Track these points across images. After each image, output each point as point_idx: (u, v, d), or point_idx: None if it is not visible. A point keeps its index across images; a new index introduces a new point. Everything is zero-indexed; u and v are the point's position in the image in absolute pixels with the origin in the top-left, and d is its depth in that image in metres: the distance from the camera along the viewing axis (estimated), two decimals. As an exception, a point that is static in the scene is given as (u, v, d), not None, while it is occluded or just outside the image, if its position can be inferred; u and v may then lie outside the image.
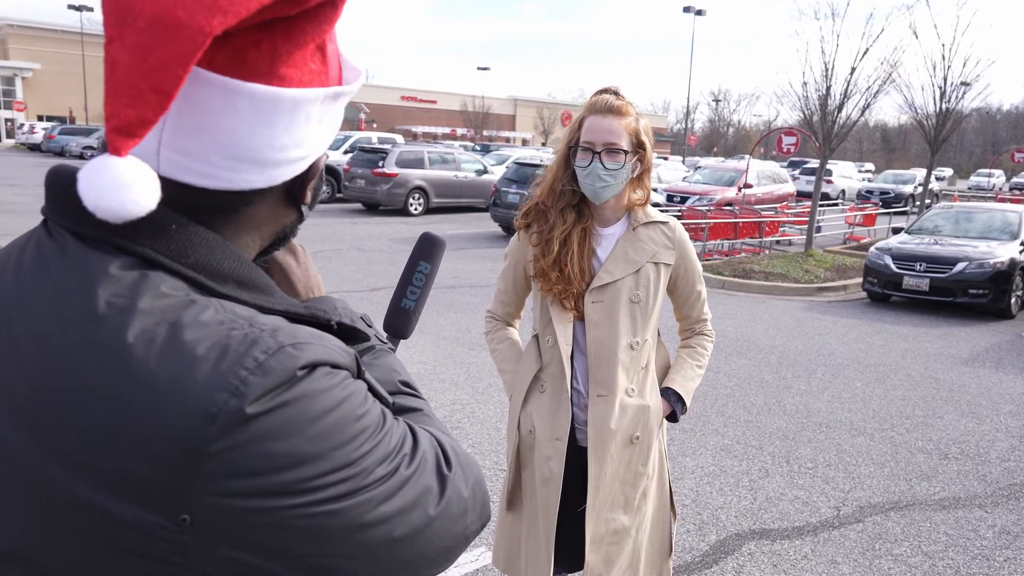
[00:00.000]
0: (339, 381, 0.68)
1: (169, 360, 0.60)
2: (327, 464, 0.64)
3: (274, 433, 0.62)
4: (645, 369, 2.13)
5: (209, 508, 0.61)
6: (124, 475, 0.60)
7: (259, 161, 0.69)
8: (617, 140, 1.96)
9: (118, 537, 0.61)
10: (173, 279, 0.65)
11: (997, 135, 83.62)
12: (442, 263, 1.10)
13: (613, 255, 2.07)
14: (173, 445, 0.59)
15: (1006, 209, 11.28)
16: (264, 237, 0.78)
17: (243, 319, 0.66)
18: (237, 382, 0.61)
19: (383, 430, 0.71)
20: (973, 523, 3.98)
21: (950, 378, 6.72)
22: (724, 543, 3.64)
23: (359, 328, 0.84)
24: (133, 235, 0.65)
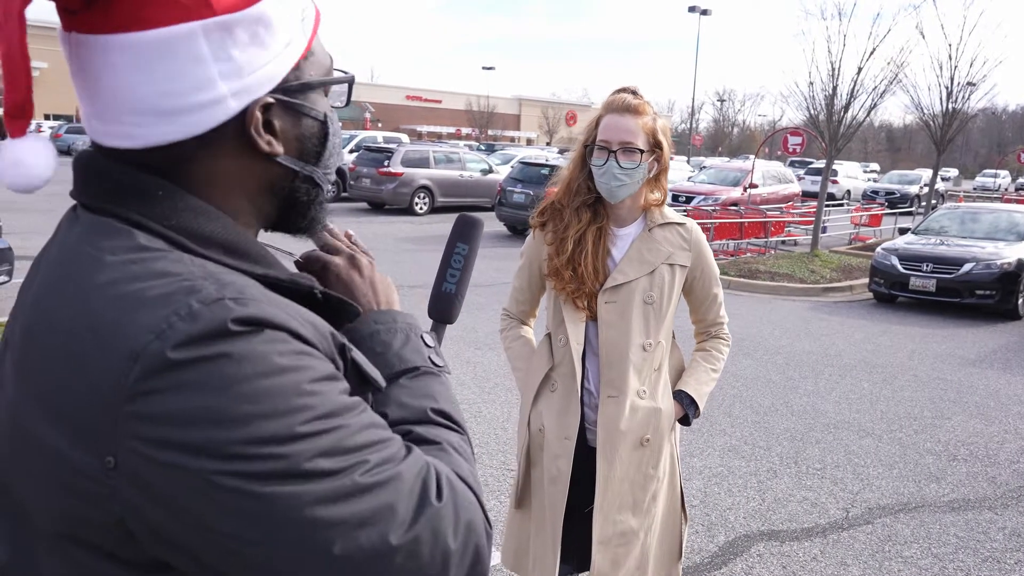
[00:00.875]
0: (288, 348, 0.64)
1: (118, 303, 0.62)
2: (253, 431, 0.60)
3: (195, 383, 0.59)
4: (658, 371, 2.12)
5: (130, 453, 0.59)
6: (67, 412, 0.62)
7: (161, 111, 0.68)
8: (633, 139, 1.96)
9: (67, 477, 0.62)
10: (156, 239, 0.67)
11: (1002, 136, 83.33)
12: None
13: (628, 256, 2.06)
14: (100, 383, 0.60)
15: (1013, 210, 11.25)
16: (252, 197, 0.76)
17: (205, 274, 0.65)
18: (165, 326, 0.60)
19: (341, 420, 0.65)
20: (983, 525, 3.96)
21: (958, 379, 6.70)
22: (733, 544, 3.63)
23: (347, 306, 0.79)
24: (124, 202, 0.69)
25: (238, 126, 0.72)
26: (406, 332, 0.85)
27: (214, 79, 0.69)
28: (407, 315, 0.89)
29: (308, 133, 0.78)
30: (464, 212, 1.10)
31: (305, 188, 0.79)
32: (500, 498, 3.82)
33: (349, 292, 0.87)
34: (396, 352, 0.84)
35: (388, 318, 0.85)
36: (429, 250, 12.17)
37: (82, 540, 0.64)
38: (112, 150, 0.71)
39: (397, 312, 0.89)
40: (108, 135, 0.70)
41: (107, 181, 0.71)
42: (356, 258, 0.90)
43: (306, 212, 0.82)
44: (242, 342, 0.61)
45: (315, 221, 0.84)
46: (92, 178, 0.72)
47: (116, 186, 0.70)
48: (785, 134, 17.11)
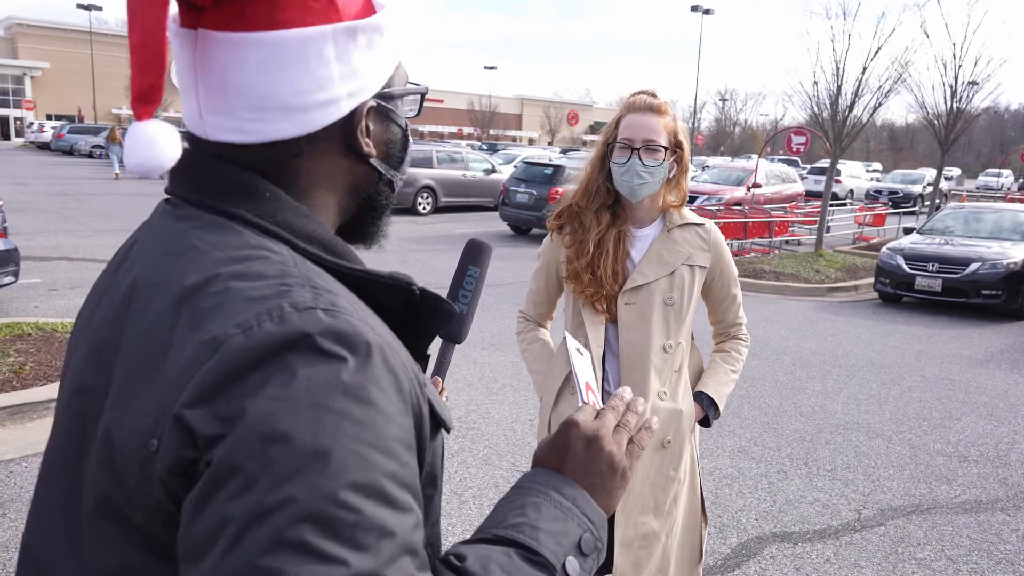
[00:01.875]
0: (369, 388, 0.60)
1: (217, 297, 0.63)
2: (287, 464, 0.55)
3: (266, 388, 0.57)
4: (678, 373, 2.10)
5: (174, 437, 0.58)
6: (134, 391, 0.62)
7: (281, 108, 0.70)
8: (656, 137, 1.94)
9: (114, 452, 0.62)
10: (262, 236, 0.69)
11: (1005, 135, 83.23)
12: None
13: (647, 257, 2.05)
14: (174, 365, 0.60)
15: (1018, 209, 11.22)
16: (341, 195, 0.78)
17: (301, 278, 0.65)
18: (254, 322, 0.60)
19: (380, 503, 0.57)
20: (996, 527, 3.95)
21: (966, 379, 6.68)
22: (746, 546, 3.61)
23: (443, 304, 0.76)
24: (231, 199, 0.71)
25: (343, 127, 0.75)
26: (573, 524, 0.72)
27: (335, 80, 0.72)
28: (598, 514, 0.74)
29: (394, 139, 0.81)
30: (473, 238, 1.17)
31: (385, 192, 0.83)
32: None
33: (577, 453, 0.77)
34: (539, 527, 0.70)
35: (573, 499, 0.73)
36: (433, 250, 12.16)
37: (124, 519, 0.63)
38: (215, 148, 0.73)
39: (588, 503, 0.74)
40: (223, 130, 0.72)
41: (214, 178, 0.72)
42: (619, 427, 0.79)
43: (379, 217, 0.84)
44: (322, 366, 0.59)
45: (382, 229, 0.86)
46: (198, 174, 0.73)
47: (224, 184, 0.72)
48: (789, 133, 17.07)
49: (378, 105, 0.77)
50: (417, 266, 10.49)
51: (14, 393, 4.60)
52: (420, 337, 0.77)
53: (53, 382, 4.83)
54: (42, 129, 39.81)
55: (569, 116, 62.70)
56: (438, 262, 10.97)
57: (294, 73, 0.70)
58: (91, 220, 13.73)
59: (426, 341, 0.78)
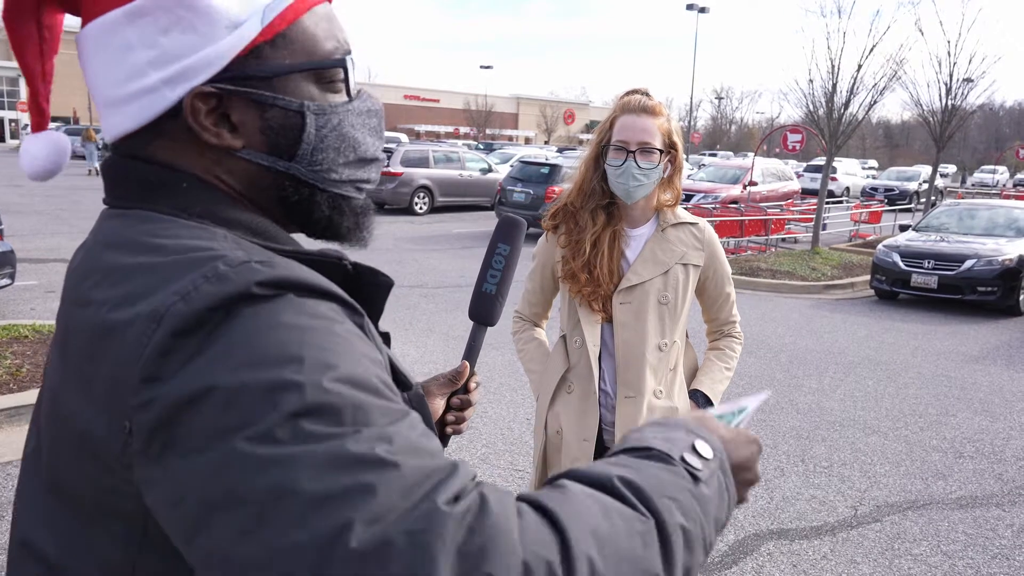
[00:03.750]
0: (318, 309, 0.61)
1: (150, 273, 0.62)
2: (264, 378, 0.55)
3: (216, 345, 0.56)
4: (673, 371, 2.11)
5: (143, 414, 0.57)
6: (92, 379, 0.61)
7: (109, 102, 0.70)
8: (651, 139, 1.95)
9: (95, 447, 0.61)
10: (184, 222, 0.68)
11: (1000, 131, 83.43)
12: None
13: (642, 256, 2.06)
14: (122, 346, 0.59)
15: (1013, 206, 11.26)
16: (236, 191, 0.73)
17: (236, 244, 0.65)
18: (191, 287, 0.59)
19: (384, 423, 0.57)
20: (991, 522, 3.97)
21: (961, 376, 6.70)
22: (743, 543, 3.62)
23: (380, 277, 0.76)
24: (152, 197, 0.70)
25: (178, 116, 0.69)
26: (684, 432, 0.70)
27: (143, 67, 0.67)
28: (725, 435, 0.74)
29: (276, 125, 0.72)
30: (506, 214, 1.09)
31: (292, 187, 0.74)
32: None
33: None
34: (642, 437, 0.70)
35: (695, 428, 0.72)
36: (429, 250, 12.16)
37: (120, 513, 0.63)
38: (120, 148, 0.74)
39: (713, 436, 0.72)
40: (102, 128, 0.74)
41: (131, 178, 0.71)
42: None
43: (310, 215, 0.76)
44: (268, 304, 0.59)
45: (336, 226, 0.78)
46: (118, 179, 0.73)
47: (140, 182, 0.71)
48: (784, 131, 17.10)
49: (227, 89, 0.69)
50: (413, 266, 10.49)
51: (11, 396, 4.60)
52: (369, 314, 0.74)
53: (50, 384, 4.82)
54: (37, 131, 39.64)
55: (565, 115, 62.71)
56: (435, 262, 10.96)
57: (105, 64, 0.69)
58: (87, 222, 13.70)
59: (372, 317, 0.75)
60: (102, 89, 0.70)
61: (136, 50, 0.67)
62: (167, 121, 0.69)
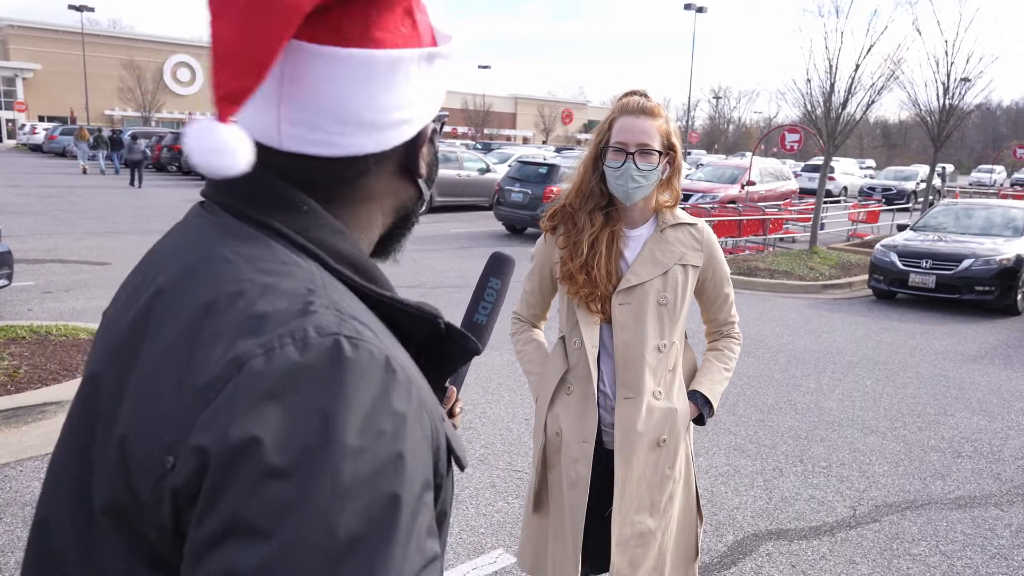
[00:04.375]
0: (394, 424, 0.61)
1: (243, 310, 0.62)
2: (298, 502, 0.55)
3: (283, 416, 0.57)
4: (672, 372, 2.11)
5: (189, 454, 0.57)
6: (157, 405, 0.61)
7: (365, 124, 0.72)
8: (650, 141, 1.95)
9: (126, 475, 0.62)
10: (293, 250, 0.69)
11: (997, 131, 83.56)
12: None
13: (641, 257, 2.05)
14: (196, 381, 0.59)
15: (1011, 206, 11.27)
16: (386, 213, 0.81)
17: (329, 302, 0.65)
18: (277, 344, 0.59)
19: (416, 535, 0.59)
20: (990, 522, 3.97)
21: (959, 375, 6.71)
22: (742, 544, 3.62)
23: (468, 342, 0.80)
24: (268, 211, 0.71)
25: (406, 147, 0.78)
26: None
27: (412, 101, 0.75)
28: None
29: (432, 160, 0.84)
30: (497, 251, 1.17)
31: (419, 210, 0.86)
32: (507, 499, 3.82)
33: None
34: None
35: None
36: (427, 250, 12.15)
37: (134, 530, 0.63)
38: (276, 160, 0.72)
39: None
40: (303, 142, 0.72)
41: (256, 188, 0.72)
42: None
43: (407, 234, 0.87)
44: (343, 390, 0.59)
45: (403, 245, 0.90)
46: (240, 182, 0.71)
47: (265, 194, 0.72)
48: (782, 131, 17.12)
49: (434, 128, 0.82)
50: (411, 266, 10.49)
51: (8, 397, 4.59)
52: (440, 370, 0.80)
53: (48, 385, 4.82)
54: (34, 131, 39.63)
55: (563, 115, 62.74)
56: (433, 262, 10.95)
57: (381, 92, 0.72)
58: (85, 222, 13.68)
59: (445, 375, 0.81)
60: (358, 111, 0.72)
61: (411, 84, 0.74)
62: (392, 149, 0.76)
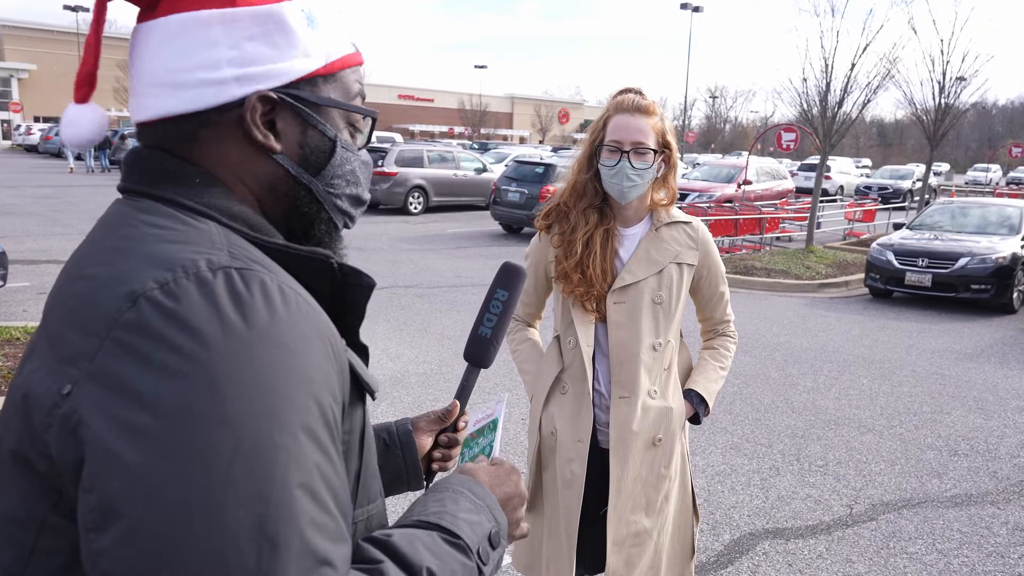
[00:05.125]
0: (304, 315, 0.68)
1: (140, 259, 0.66)
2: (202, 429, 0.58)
3: (179, 347, 0.60)
4: (668, 371, 2.11)
5: (87, 382, 0.60)
6: (60, 342, 0.65)
7: (169, 84, 0.75)
8: (645, 139, 1.94)
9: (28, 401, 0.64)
10: (189, 214, 0.73)
11: (993, 130, 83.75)
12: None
13: (635, 256, 2.05)
14: (97, 316, 0.63)
15: (1006, 204, 11.30)
16: (252, 187, 0.79)
17: (223, 243, 0.70)
18: (170, 277, 0.64)
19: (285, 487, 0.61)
20: (986, 520, 3.97)
21: (956, 374, 6.72)
22: (739, 543, 3.62)
23: (362, 277, 0.80)
24: (162, 185, 0.76)
25: (240, 115, 0.77)
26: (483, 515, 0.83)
27: (220, 62, 0.75)
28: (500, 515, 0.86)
29: (312, 144, 0.81)
30: (509, 261, 1.13)
31: (305, 198, 0.82)
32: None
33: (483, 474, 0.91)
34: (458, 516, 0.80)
35: (484, 498, 0.85)
36: (424, 250, 12.14)
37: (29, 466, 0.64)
38: (144, 138, 0.79)
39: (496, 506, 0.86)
40: (134, 109, 0.79)
41: (150, 167, 0.77)
42: None
43: (310, 228, 0.84)
44: (244, 312, 0.64)
45: (327, 240, 0.86)
46: (136, 166, 0.79)
47: (158, 171, 0.77)
48: (779, 130, 17.13)
49: (283, 99, 0.78)
50: (408, 266, 10.47)
51: (3, 398, 4.56)
52: (348, 316, 0.81)
53: (42, 386, 4.80)
54: (30, 131, 39.51)
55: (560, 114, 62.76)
56: (430, 262, 10.94)
57: (180, 51, 0.75)
58: (80, 223, 13.64)
59: (354, 320, 0.82)
60: (162, 73, 0.75)
61: (219, 47, 0.75)
62: (215, 114, 0.76)
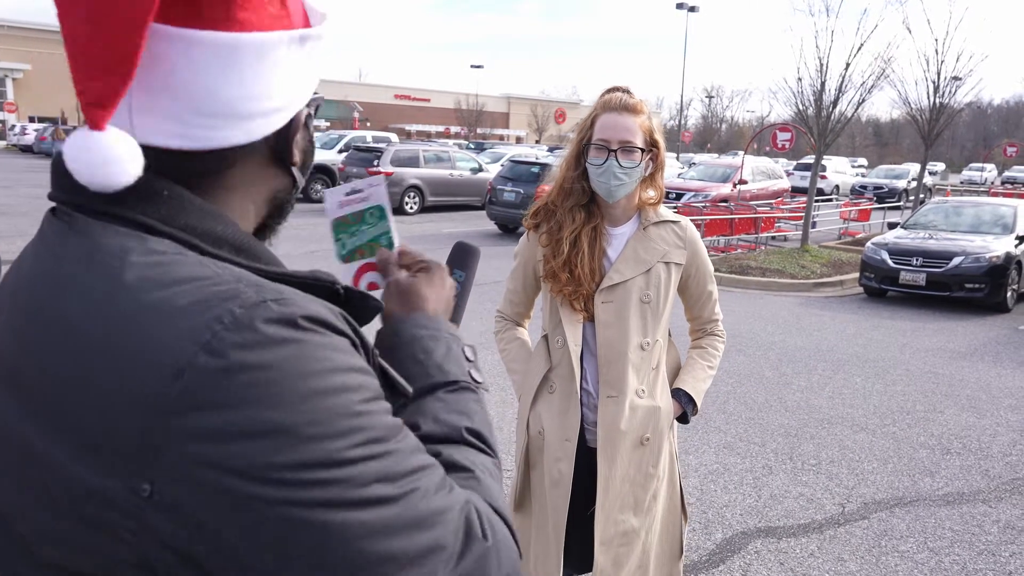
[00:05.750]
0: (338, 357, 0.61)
1: (146, 313, 0.58)
2: (306, 453, 0.56)
3: (246, 397, 0.55)
4: (656, 370, 2.11)
5: (171, 476, 0.54)
6: (92, 433, 0.56)
7: (232, 114, 0.66)
8: (632, 138, 1.94)
9: (85, 508, 0.57)
10: (166, 241, 0.63)
11: (988, 129, 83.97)
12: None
13: (623, 255, 2.05)
14: (138, 401, 0.55)
15: (1000, 203, 11.33)
16: (258, 204, 0.75)
17: (232, 276, 0.61)
18: (208, 335, 0.56)
19: (391, 444, 0.61)
20: (978, 518, 3.98)
21: (949, 372, 6.73)
22: (730, 541, 3.62)
23: (369, 302, 0.75)
24: (127, 203, 0.64)
25: (278, 135, 0.72)
26: (448, 342, 0.83)
27: (284, 87, 0.70)
28: (451, 325, 0.87)
29: (307, 146, 0.79)
30: (461, 240, 1.11)
31: (293, 198, 0.81)
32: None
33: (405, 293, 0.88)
34: (437, 363, 0.81)
35: (433, 324, 0.84)
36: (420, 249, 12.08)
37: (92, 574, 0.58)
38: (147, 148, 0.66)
39: (442, 320, 0.86)
40: (159, 133, 0.65)
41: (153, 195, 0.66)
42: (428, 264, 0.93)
43: (282, 221, 0.82)
44: (292, 347, 0.58)
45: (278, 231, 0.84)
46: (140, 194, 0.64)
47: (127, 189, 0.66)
48: (774, 130, 17.15)
49: (309, 114, 0.77)
50: (404, 266, 10.44)
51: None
52: None
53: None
54: (24, 132, 39.40)
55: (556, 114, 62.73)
56: (425, 262, 10.86)
57: (248, 78, 0.66)
58: (74, 223, 13.60)
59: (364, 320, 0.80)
60: (228, 101, 0.65)
61: (281, 70, 0.69)
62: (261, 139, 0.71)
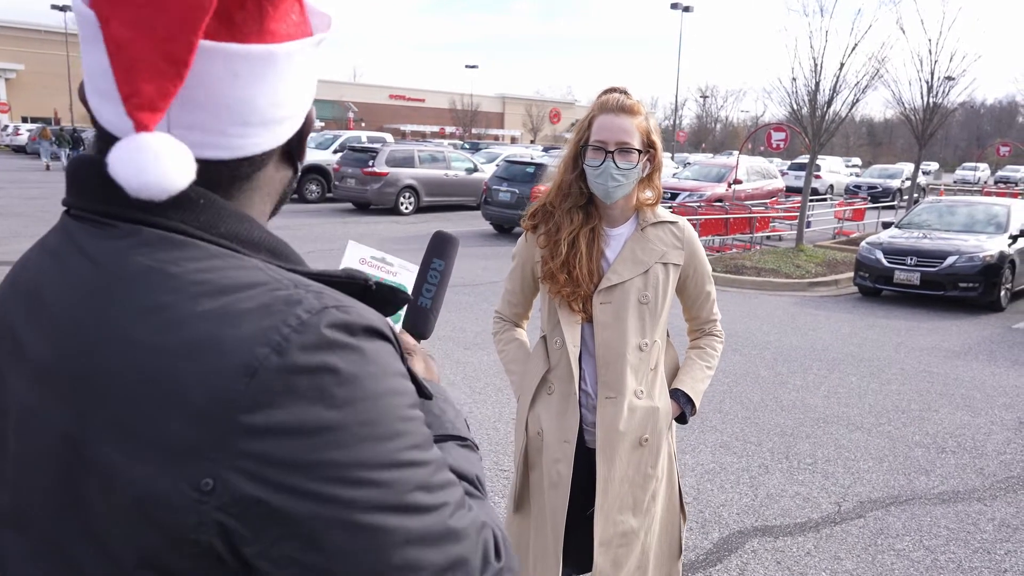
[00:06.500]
0: (393, 365, 0.65)
1: (211, 316, 0.59)
2: (363, 453, 0.59)
3: (312, 397, 0.59)
4: (654, 371, 2.11)
5: (234, 469, 0.57)
6: (159, 437, 0.58)
7: (264, 121, 0.68)
8: (630, 139, 1.95)
9: (150, 507, 0.58)
10: (214, 247, 0.65)
11: (981, 129, 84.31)
12: None
13: (621, 256, 2.05)
14: (209, 399, 0.57)
15: (994, 203, 11.37)
16: (272, 200, 0.77)
17: (288, 280, 0.64)
18: (279, 337, 0.59)
19: (429, 454, 0.65)
20: (973, 516, 4.00)
21: (944, 371, 6.76)
22: (727, 541, 3.63)
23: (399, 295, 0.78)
24: (164, 211, 0.64)
25: (295, 134, 0.74)
26: (457, 410, 0.92)
27: (301, 90, 0.71)
28: (449, 394, 0.96)
29: (304, 134, 0.80)
30: (440, 230, 1.12)
31: (291, 188, 0.82)
32: (493, 499, 3.81)
33: None
34: (451, 420, 0.88)
35: (442, 392, 0.91)
36: (416, 250, 12.11)
37: (169, 569, 0.60)
38: None
39: (445, 389, 0.95)
40: (198, 146, 0.65)
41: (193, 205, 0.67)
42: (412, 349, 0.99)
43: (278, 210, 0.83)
44: (353, 352, 0.62)
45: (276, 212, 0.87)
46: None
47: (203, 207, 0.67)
48: (769, 130, 17.19)
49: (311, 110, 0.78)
50: (399, 266, 10.43)
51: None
52: None
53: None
54: (17, 132, 39.23)
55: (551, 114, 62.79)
56: (421, 262, 10.85)
57: (277, 86, 0.68)
58: (68, 224, 13.55)
59: None
60: (262, 109, 0.67)
61: (305, 75, 0.70)
62: None
